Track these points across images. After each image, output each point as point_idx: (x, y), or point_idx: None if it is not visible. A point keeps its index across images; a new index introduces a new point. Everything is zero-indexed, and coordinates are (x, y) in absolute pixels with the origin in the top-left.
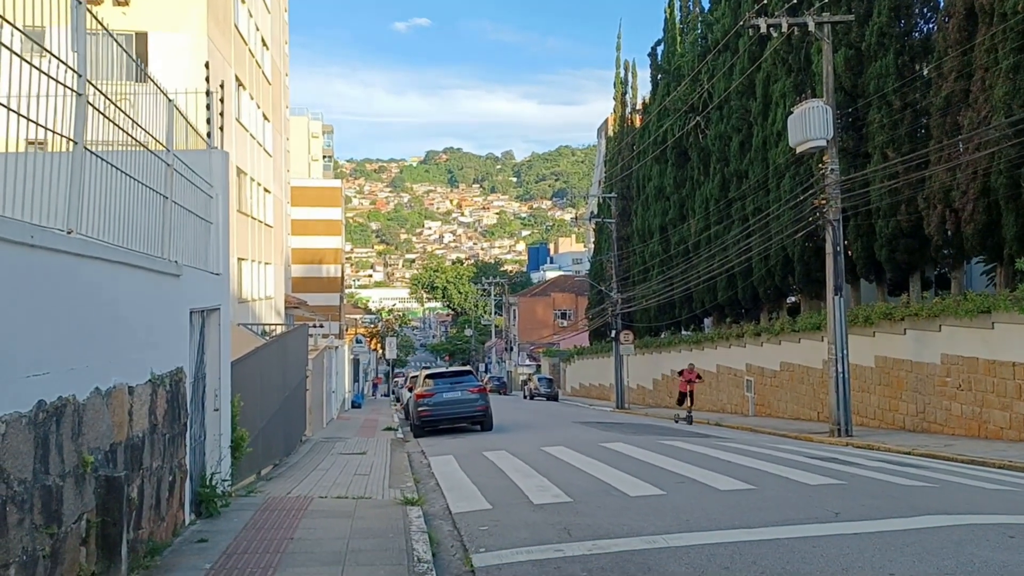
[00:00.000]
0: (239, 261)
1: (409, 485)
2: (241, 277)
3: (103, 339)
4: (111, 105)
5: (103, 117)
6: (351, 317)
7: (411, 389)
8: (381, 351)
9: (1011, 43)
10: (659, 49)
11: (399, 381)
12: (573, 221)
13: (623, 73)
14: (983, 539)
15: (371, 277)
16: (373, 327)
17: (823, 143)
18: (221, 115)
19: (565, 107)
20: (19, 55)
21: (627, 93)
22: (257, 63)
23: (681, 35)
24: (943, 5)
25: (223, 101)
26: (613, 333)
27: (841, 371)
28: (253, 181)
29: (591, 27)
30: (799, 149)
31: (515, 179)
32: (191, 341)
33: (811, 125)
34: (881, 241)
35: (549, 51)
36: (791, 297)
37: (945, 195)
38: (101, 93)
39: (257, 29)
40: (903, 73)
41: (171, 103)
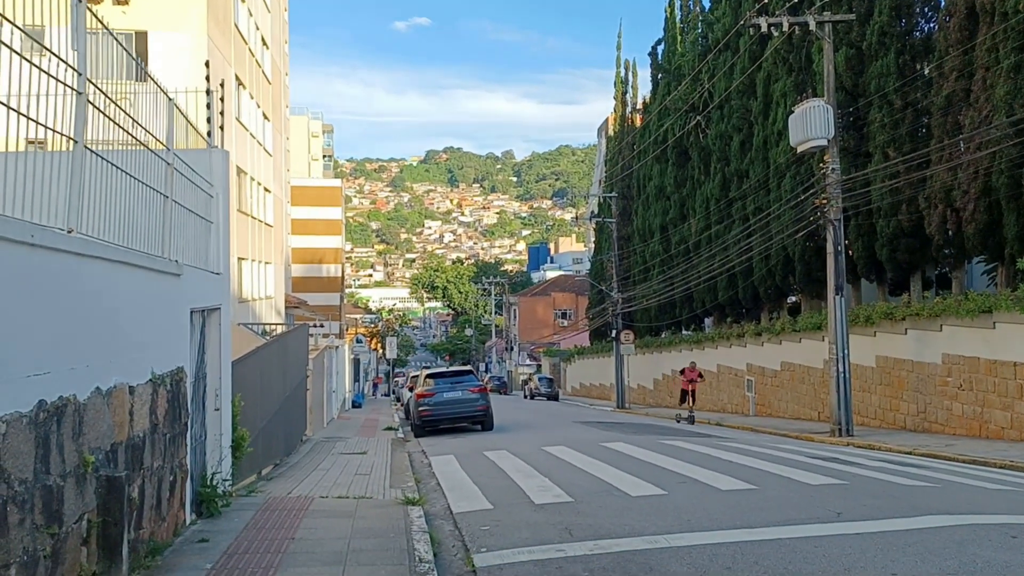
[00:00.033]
0: (239, 261)
1: (410, 485)
2: (241, 277)
3: (104, 339)
4: (111, 104)
5: (103, 116)
6: (351, 317)
7: (412, 389)
8: (381, 351)
9: (1012, 42)
10: (659, 48)
11: (399, 381)
12: (573, 221)
13: (623, 72)
14: (985, 539)
15: (371, 277)
16: (373, 327)
17: (824, 142)
18: (221, 114)
19: (565, 107)
20: (19, 53)
21: (627, 92)
22: (257, 62)
23: (682, 34)
24: (944, 4)
25: (223, 100)
26: (614, 333)
27: (842, 371)
28: (253, 180)
29: (591, 27)
30: (800, 148)
31: (515, 179)
32: (192, 341)
33: (812, 124)
34: (882, 241)
35: (549, 51)
36: (792, 297)
37: (946, 195)
38: (101, 92)
39: (257, 28)
40: (904, 72)
41: (171, 102)
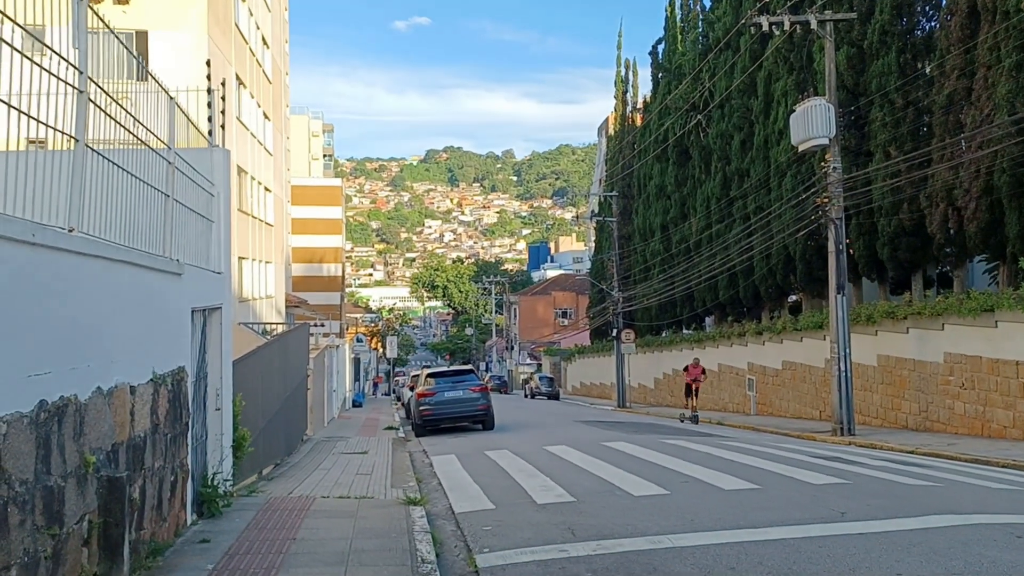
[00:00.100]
0: (240, 260)
1: (411, 485)
2: (242, 276)
3: (105, 338)
4: (112, 103)
5: (104, 115)
6: (352, 316)
7: (412, 388)
8: (382, 350)
9: (1014, 41)
10: (660, 47)
11: (400, 380)
12: (574, 220)
13: (624, 72)
14: (990, 539)
15: (371, 276)
16: (374, 326)
17: (825, 141)
18: (222, 113)
19: (565, 106)
20: (21, 52)
21: (628, 92)
22: (258, 62)
23: (682, 33)
24: (945, 3)
25: (224, 99)
26: (614, 332)
27: (844, 370)
28: (254, 180)
29: (591, 26)
30: (801, 147)
31: (515, 178)
32: (193, 340)
33: (813, 123)
34: (883, 240)
35: (549, 50)
36: (793, 296)
37: (947, 193)
38: (103, 90)
39: (257, 28)
40: (905, 71)
41: (172, 101)
